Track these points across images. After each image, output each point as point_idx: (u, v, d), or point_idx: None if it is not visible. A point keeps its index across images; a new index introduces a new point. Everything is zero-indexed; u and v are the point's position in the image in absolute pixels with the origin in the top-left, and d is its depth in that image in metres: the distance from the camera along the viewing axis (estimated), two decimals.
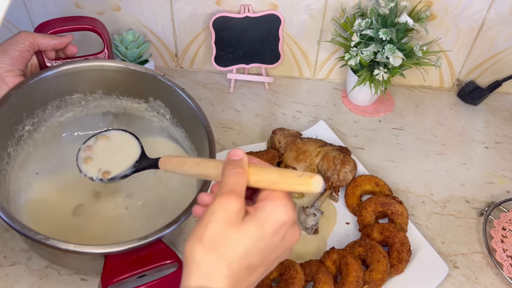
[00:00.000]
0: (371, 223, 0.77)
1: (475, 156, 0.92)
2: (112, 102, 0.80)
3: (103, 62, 0.75)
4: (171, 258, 0.61)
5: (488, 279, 0.74)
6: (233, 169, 0.46)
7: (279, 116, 0.97)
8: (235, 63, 0.98)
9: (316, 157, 0.83)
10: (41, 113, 0.75)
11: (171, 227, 0.61)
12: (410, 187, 0.86)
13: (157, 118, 0.81)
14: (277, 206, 0.44)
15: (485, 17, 0.91)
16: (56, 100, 0.76)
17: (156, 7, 0.94)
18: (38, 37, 0.71)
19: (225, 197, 0.43)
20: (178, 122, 0.79)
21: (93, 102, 0.79)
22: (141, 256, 0.60)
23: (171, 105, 0.78)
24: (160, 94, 0.78)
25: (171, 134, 0.82)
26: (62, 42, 0.73)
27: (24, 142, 0.74)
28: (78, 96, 0.77)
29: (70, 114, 0.79)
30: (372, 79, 0.89)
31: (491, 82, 1.01)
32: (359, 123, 0.97)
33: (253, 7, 0.92)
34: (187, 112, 0.75)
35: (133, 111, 0.82)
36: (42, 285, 0.70)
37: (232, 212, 0.43)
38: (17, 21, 0.96)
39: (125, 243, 0.59)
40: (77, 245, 0.58)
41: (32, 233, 0.57)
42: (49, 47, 0.72)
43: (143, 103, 0.80)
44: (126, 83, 0.77)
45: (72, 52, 0.75)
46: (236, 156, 0.47)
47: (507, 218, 0.80)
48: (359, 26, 0.86)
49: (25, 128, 0.73)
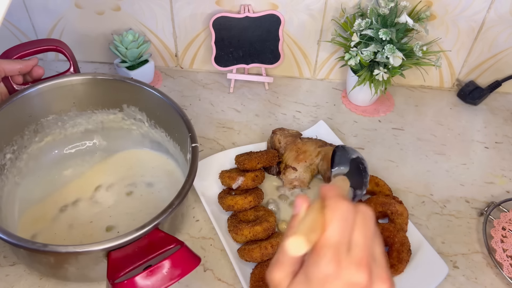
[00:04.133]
0: None
1: (475, 156, 0.92)
2: (88, 118, 0.81)
3: (70, 77, 0.76)
4: (173, 243, 0.61)
5: (488, 279, 0.74)
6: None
7: (279, 116, 0.97)
8: (235, 63, 0.98)
9: (316, 157, 0.83)
10: (20, 139, 0.75)
11: (167, 213, 0.62)
12: (410, 187, 0.86)
13: (135, 126, 0.82)
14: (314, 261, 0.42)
15: (485, 17, 0.91)
16: (32, 124, 0.76)
17: (156, 7, 0.94)
18: (3, 63, 0.71)
19: None
20: (156, 123, 0.80)
21: (69, 122, 0.80)
22: (142, 247, 0.60)
23: (145, 106, 0.79)
24: (132, 99, 0.79)
25: (152, 139, 0.82)
26: (28, 65, 0.74)
27: (8, 171, 0.74)
28: (54, 117, 0.78)
29: (49, 138, 0.80)
30: (372, 79, 0.89)
31: (491, 82, 1.02)
32: (359, 123, 0.97)
33: (253, 7, 0.92)
34: (162, 109, 0.76)
35: (110, 123, 0.83)
36: (42, 285, 0.70)
37: None
38: (17, 21, 0.96)
39: (124, 236, 0.59)
40: (77, 246, 0.58)
41: (29, 243, 0.57)
42: (15, 72, 0.73)
43: (118, 112, 0.81)
44: (97, 94, 0.79)
45: (39, 73, 0.76)
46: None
47: (507, 218, 0.80)
48: (359, 26, 0.86)
49: (6, 156, 0.74)
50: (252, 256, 0.70)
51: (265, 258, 0.70)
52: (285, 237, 0.41)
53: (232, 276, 0.72)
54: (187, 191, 0.65)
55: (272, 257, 0.69)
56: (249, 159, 0.80)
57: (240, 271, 0.70)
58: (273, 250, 0.70)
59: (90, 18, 0.95)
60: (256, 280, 0.69)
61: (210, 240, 0.76)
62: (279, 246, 0.42)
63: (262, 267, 0.70)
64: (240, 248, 0.72)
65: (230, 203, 0.76)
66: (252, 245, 0.71)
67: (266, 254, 0.70)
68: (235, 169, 0.82)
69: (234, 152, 0.85)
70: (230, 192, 0.79)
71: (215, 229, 0.76)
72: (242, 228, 0.73)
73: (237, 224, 0.74)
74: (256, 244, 0.71)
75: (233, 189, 0.79)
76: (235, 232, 0.73)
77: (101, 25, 0.97)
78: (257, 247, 0.70)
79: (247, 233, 0.72)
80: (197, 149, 0.70)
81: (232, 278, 0.72)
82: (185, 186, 0.65)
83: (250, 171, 0.80)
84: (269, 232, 0.73)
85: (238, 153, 0.84)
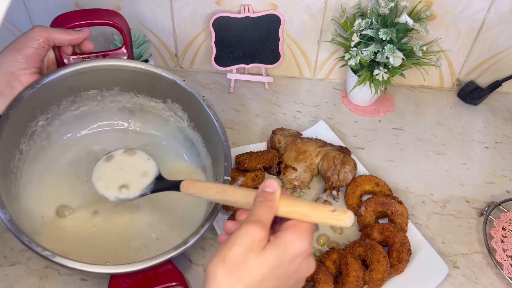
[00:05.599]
0: (371, 223, 0.77)
1: (475, 156, 0.92)
2: (129, 99, 0.79)
3: (122, 62, 0.73)
4: (177, 281, 0.60)
5: (488, 279, 0.74)
6: (264, 201, 0.48)
7: (279, 116, 0.97)
8: (235, 63, 0.98)
9: (316, 157, 0.83)
10: (55, 108, 0.73)
11: (181, 249, 0.60)
12: (410, 187, 0.86)
13: (174, 119, 0.80)
14: (296, 236, 0.47)
15: (485, 17, 0.91)
16: (71, 96, 0.74)
17: (156, 7, 0.93)
18: (54, 32, 0.68)
19: (252, 225, 0.46)
20: (195, 126, 0.78)
21: (109, 98, 0.78)
22: (147, 276, 0.60)
23: (189, 110, 0.77)
24: (178, 98, 0.77)
25: (187, 136, 0.80)
26: (79, 38, 0.70)
27: (37, 136, 0.72)
28: (94, 92, 0.76)
29: (85, 108, 0.77)
30: (372, 79, 0.89)
31: (491, 82, 1.01)
32: (359, 123, 0.97)
33: (253, 7, 0.92)
34: (205, 120, 0.74)
35: (150, 108, 0.80)
36: (42, 285, 0.70)
37: (255, 240, 0.46)
38: (17, 21, 0.96)
39: (132, 264, 0.58)
40: (84, 264, 0.57)
41: (40, 248, 0.56)
42: (65, 43, 0.69)
43: (161, 103, 0.79)
44: (144, 83, 0.76)
45: (88, 48, 0.72)
46: (269, 188, 0.49)
47: (507, 218, 0.80)
48: (359, 26, 0.86)
49: (38, 123, 0.72)
50: None
51: None
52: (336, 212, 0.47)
53: None
54: (206, 229, 0.63)
55: None
56: (249, 159, 0.80)
57: None
58: None
59: None
60: None
61: (210, 240, 0.76)
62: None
63: None
64: None
65: None
66: None
67: None
68: (235, 169, 0.82)
69: (234, 152, 0.85)
70: None
71: (215, 229, 0.75)
72: None
73: None
74: None
75: None
76: None
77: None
78: None
79: None
80: (228, 182, 0.68)
81: None
82: (204, 224, 0.63)
83: (250, 171, 0.80)
84: None
85: (238, 153, 0.84)
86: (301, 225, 0.47)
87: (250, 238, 0.45)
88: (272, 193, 0.49)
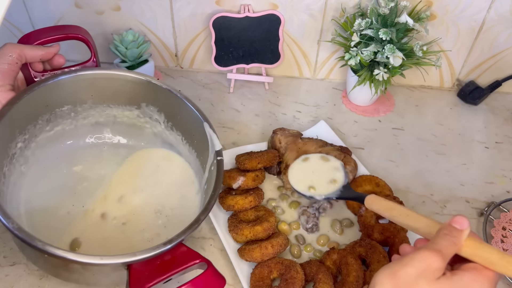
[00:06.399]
0: (372, 223, 0.77)
1: (475, 156, 0.92)
2: (101, 112, 0.79)
3: (96, 71, 0.73)
4: (197, 259, 0.60)
5: None
6: (449, 235, 0.47)
7: (279, 116, 0.97)
8: (235, 63, 0.98)
9: None
10: (32, 128, 0.72)
11: (192, 228, 0.60)
12: (410, 187, 0.86)
13: (150, 124, 0.80)
14: (476, 281, 0.45)
15: (485, 17, 0.91)
16: (47, 113, 0.73)
17: (156, 7, 0.93)
18: (25, 48, 0.68)
19: (432, 253, 0.45)
20: (174, 125, 0.79)
21: (82, 113, 0.78)
22: (166, 261, 0.59)
23: (166, 109, 0.78)
24: (153, 99, 0.77)
25: (165, 140, 0.81)
26: (49, 53, 0.70)
27: (16, 160, 0.71)
28: (68, 108, 0.75)
29: (59, 128, 0.77)
30: (372, 79, 0.89)
31: (491, 82, 1.02)
32: (359, 123, 0.97)
33: (253, 7, 0.92)
34: (184, 114, 0.74)
35: (123, 118, 0.81)
36: (42, 285, 0.70)
37: (431, 267, 0.45)
38: (17, 21, 0.96)
39: (148, 250, 0.58)
40: (104, 257, 0.55)
41: (52, 248, 0.55)
42: (37, 58, 0.70)
43: (135, 109, 0.79)
44: (118, 90, 0.76)
45: (59, 62, 0.73)
46: (458, 225, 0.48)
47: (507, 218, 0.80)
48: (359, 26, 0.86)
49: (17, 145, 0.71)
50: (253, 256, 0.70)
51: (265, 258, 0.70)
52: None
53: (232, 276, 0.72)
54: (212, 206, 0.64)
55: (271, 257, 0.70)
56: (249, 159, 0.80)
57: (240, 271, 0.70)
58: (273, 250, 0.70)
59: (90, 18, 0.95)
60: (256, 280, 0.69)
61: (210, 240, 0.76)
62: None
63: (262, 267, 0.70)
64: (241, 248, 0.72)
65: (231, 203, 0.76)
66: (253, 245, 0.71)
67: (267, 254, 0.70)
68: (236, 169, 0.82)
69: (235, 152, 0.85)
70: (230, 192, 0.79)
71: (215, 229, 0.75)
72: (242, 228, 0.73)
73: (237, 224, 0.74)
74: (257, 244, 0.71)
75: (234, 189, 0.79)
76: (236, 232, 0.73)
77: (101, 25, 0.97)
78: (258, 247, 0.70)
79: (247, 233, 0.72)
80: (222, 162, 0.69)
81: (232, 278, 0.72)
82: (210, 201, 0.64)
83: (251, 171, 0.80)
84: (270, 232, 0.73)
85: (239, 153, 0.84)
86: (486, 272, 0.46)
87: (427, 264, 0.45)
88: (460, 231, 0.48)
